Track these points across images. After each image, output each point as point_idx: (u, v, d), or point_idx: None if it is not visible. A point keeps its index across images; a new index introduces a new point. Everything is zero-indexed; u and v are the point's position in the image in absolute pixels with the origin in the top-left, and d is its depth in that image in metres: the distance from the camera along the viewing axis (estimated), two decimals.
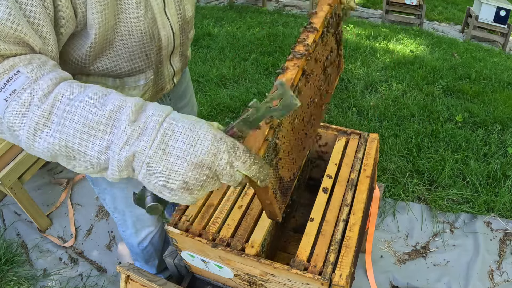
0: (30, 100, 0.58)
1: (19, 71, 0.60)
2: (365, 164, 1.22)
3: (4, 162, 1.86)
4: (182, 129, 0.57)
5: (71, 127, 0.57)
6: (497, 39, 5.35)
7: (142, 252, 1.50)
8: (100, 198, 1.32)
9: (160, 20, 0.92)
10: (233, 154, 0.58)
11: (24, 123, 0.58)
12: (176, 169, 0.56)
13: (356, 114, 3.02)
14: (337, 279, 0.91)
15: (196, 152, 0.56)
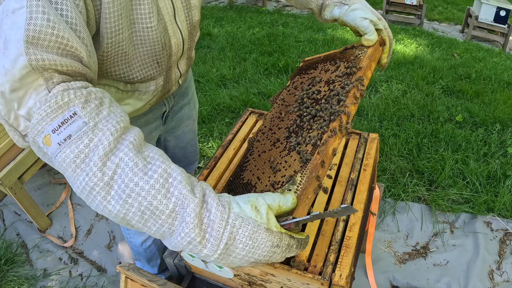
0: (87, 154, 0.57)
1: (75, 113, 0.58)
2: (365, 164, 1.22)
3: (4, 162, 1.86)
4: (243, 237, 0.60)
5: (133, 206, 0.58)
6: (497, 39, 5.35)
7: (145, 252, 1.50)
8: None
9: (171, 29, 0.92)
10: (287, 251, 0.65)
11: (77, 175, 0.57)
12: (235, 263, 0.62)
13: (356, 114, 3.02)
14: (337, 279, 0.91)
15: (254, 255, 0.62)
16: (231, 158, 1.27)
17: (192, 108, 1.42)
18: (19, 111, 0.60)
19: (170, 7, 0.89)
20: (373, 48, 0.97)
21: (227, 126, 2.87)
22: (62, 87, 0.60)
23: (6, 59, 0.57)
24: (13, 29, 0.57)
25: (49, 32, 0.58)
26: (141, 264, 1.62)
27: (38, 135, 0.58)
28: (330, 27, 5.12)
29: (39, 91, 0.59)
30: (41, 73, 0.59)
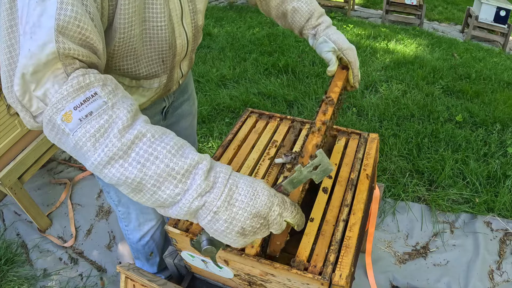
0: (107, 128, 0.63)
1: (96, 93, 0.64)
2: (365, 164, 1.22)
3: (4, 162, 1.86)
4: (244, 185, 0.68)
5: (151, 168, 0.63)
6: (497, 39, 5.35)
7: (143, 248, 1.50)
8: (104, 191, 1.33)
9: (177, 30, 0.97)
10: (283, 207, 0.71)
11: (97, 148, 0.62)
12: (237, 218, 0.67)
13: (356, 114, 3.02)
14: (337, 279, 0.91)
15: (255, 204, 0.68)
16: (231, 158, 1.27)
17: (192, 105, 1.45)
18: (35, 92, 0.64)
19: (178, 9, 0.94)
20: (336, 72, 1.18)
21: (227, 126, 2.87)
22: (81, 71, 0.65)
23: (33, 43, 0.61)
24: (44, 16, 0.61)
25: (75, 24, 0.64)
26: (140, 263, 1.62)
27: (57, 113, 0.63)
28: None
29: (57, 74, 0.64)
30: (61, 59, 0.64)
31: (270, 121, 1.43)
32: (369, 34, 4.76)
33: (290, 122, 1.42)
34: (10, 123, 1.85)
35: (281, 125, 1.40)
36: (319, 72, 3.59)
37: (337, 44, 1.13)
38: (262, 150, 1.29)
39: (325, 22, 1.17)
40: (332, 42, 1.13)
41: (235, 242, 0.70)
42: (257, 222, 0.69)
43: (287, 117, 1.43)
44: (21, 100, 0.64)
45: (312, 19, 1.17)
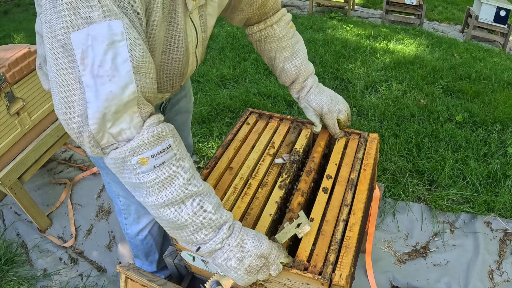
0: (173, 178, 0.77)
1: (170, 146, 0.77)
2: (365, 164, 1.22)
3: (4, 162, 1.86)
4: (252, 234, 0.90)
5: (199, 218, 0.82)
6: (497, 39, 5.35)
7: (142, 244, 1.51)
8: (105, 183, 1.35)
9: (191, 59, 1.03)
10: (279, 251, 0.93)
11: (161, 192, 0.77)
12: (247, 257, 0.87)
13: (356, 114, 3.02)
14: (337, 279, 0.91)
15: (261, 248, 0.89)
16: (231, 158, 1.27)
17: (188, 101, 1.48)
18: (110, 129, 0.72)
19: (195, 41, 0.99)
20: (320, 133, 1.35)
21: (227, 126, 2.87)
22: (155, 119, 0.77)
23: (113, 85, 0.68)
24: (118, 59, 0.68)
25: (144, 61, 0.72)
26: (140, 262, 1.62)
27: (133, 155, 0.74)
28: (330, 27, 5.12)
29: (133, 117, 0.73)
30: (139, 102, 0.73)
31: (270, 121, 1.43)
32: (369, 34, 4.76)
33: (290, 122, 1.42)
34: (10, 123, 1.85)
35: (281, 125, 1.40)
36: (319, 72, 3.59)
37: (317, 111, 1.27)
38: (262, 150, 1.29)
39: (307, 86, 1.26)
40: (313, 108, 1.26)
41: (242, 278, 0.89)
42: (261, 261, 0.88)
43: (287, 117, 1.43)
44: (95, 135, 0.71)
45: (297, 83, 1.26)
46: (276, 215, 1.11)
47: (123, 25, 0.68)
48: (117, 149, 0.74)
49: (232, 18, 1.23)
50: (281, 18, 1.23)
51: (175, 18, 0.86)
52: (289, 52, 1.24)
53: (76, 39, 0.66)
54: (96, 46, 0.66)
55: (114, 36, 0.67)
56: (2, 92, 1.77)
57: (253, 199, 1.13)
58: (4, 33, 5.48)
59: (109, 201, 2.32)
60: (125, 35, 0.68)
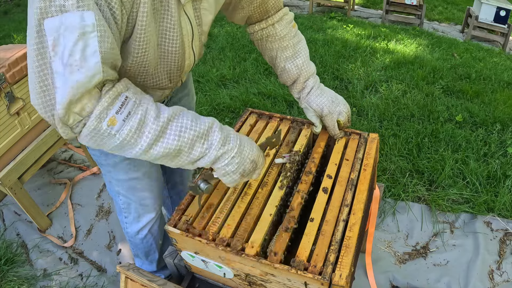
0: (144, 120, 0.80)
1: (127, 97, 0.79)
2: (365, 164, 1.22)
3: (4, 162, 1.86)
4: (246, 140, 0.98)
5: (184, 137, 0.85)
6: (497, 39, 5.35)
7: (142, 243, 1.51)
8: (105, 181, 1.35)
9: (187, 52, 1.03)
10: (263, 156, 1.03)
11: (141, 136, 0.80)
12: (243, 162, 0.95)
13: (356, 114, 3.02)
14: (337, 279, 0.91)
15: (253, 153, 0.98)
16: None
17: (191, 100, 1.49)
18: (74, 109, 0.74)
19: (190, 34, 0.99)
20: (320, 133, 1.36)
21: None
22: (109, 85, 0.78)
23: (81, 75, 0.71)
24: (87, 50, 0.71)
25: (111, 53, 0.75)
26: (140, 261, 1.62)
27: (101, 121, 0.76)
28: (330, 27, 5.12)
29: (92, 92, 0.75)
30: None
31: (270, 121, 1.43)
32: (369, 34, 4.76)
33: (290, 122, 1.42)
34: (10, 123, 1.85)
35: (281, 125, 1.40)
36: (319, 72, 3.59)
37: (317, 112, 1.27)
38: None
39: (308, 86, 1.26)
40: (313, 109, 1.27)
41: (235, 181, 0.97)
42: (252, 166, 0.98)
43: (287, 117, 1.43)
44: (61, 118, 0.74)
45: (298, 83, 1.26)
46: (276, 216, 1.11)
47: (95, 16, 0.69)
48: (86, 124, 0.77)
49: (233, 16, 1.22)
50: (283, 17, 1.23)
51: (168, 11, 0.88)
52: (291, 51, 1.24)
53: (49, 26, 0.68)
54: (67, 36, 0.68)
55: (86, 27, 0.69)
56: (2, 92, 1.77)
57: (253, 199, 1.13)
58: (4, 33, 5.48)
59: (109, 201, 2.32)
60: (96, 27, 0.70)
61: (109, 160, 1.20)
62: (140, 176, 1.27)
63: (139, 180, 1.28)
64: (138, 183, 1.28)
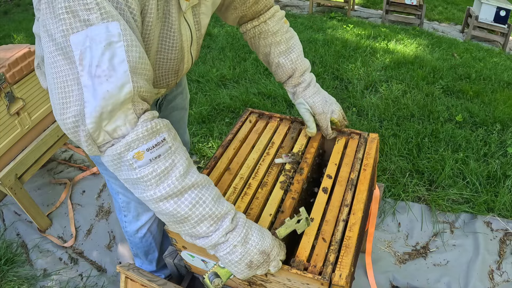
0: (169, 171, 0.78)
1: (164, 139, 0.78)
2: (365, 164, 1.22)
3: (4, 162, 1.86)
4: (255, 229, 0.91)
5: (198, 209, 0.82)
6: (497, 39, 5.35)
7: (141, 242, 1.51)
8: (105, 179, 1.35)
9: (186, 57, 1.04)
10: (280, 248, 0.95)
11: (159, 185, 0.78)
12: (249, 252, 0.88)
13: (356, 114, 3.02)
14: (337, 279, 0.91)
15: (263, 244, 0.90)
16: (231, 158, 1.27)
17: (184, 98, 1.49)
18: (105, 127, 0.74)
19: (189, 39, 0.99)
20: None
21: (227, 126, 2.87)
22: (150, 114, 0.78)
23: (110, 85, 0.70)
24: (115, 59, 0.70)
25: (140, 62, 0.74)
26: (140, 261, 1.63)
27: (129, 150, 0.75)
28: (330, 27, 5.12)
29: (128, 114, 0.75)
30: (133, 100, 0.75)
31: (270, 121, 1.43)
32: (369, 34, 4.76)
33: (290, 122, 1.42)
34: (10, 123, 1.85)
35: (281, 125, 1.40)
36: (319, 72, 3.59)
37: (312, 109, 1.26)
38: (262, 150, 1.29)
39: (305, 82, 1.25)
40: (309, 106, 1.25)
41: (242, 272, 0.90)
42: (262, 257, 0.89)
43: (287, 117, 1.43)
44: (92, 134, 0.73)
45: (293, 78, 1.25)
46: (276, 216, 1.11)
47: (120, 26, 0.70)
48: (113, 146, 0.75)
49: (226, 17, 1.24)
50: (274, 14, 1.24)
51: (169, 19, 0.88)
52: (284, 46, 1.23)
53: (74, 41, 0.68)
54: (94, 47, 0.68)
55: (112, 37, 0.69)
56: (2, 92, 1.77)
57: (253, 199, 1.13)
58: (4, 33, 5.47)
59: (109, 201, 2.32)
60: (122, 36, 0.70)
61: None
62: None
63: None
64: None
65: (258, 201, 1.12)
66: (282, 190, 1.15)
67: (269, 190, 1.16)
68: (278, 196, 1.13)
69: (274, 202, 1.12)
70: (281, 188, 1.16)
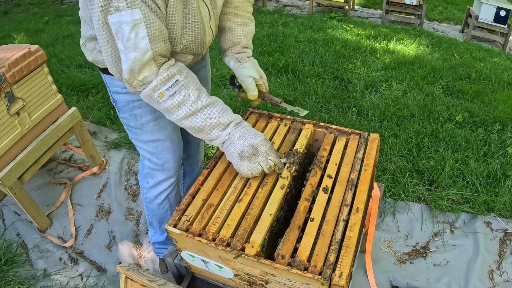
0: (185, 100, 1.11)
1: (177, 80, 1.10)
2: (366, 164, 1.22)
3: (4, 162, 1.86)
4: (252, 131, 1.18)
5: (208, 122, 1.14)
6: (497, 39, 5.35)
7: (158, 208, 1.64)
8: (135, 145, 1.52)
9: (208, 31, 1.25)
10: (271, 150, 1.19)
11: (179, 110, 1.12)
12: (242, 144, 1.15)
13: (356, 114, 3.02)
14: (337, 279, 0.91)
15: (254, 140, 1.16)
16: None
17: (208, 72, 1.66)
18: (138, 77, 1.06)
19: (207, 16, 1.21)
20: None
21: None
22: (167, 65, 1.09)
23: (137, 53, 1.01)
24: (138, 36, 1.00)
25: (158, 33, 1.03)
26: (153, 230, 1.77)
27: (154, 92, 1.09)
28: (330, 27, 5.12)
29: (151, 67, 1.06)
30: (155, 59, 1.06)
31: (270, 121, 1.43)
32: (369, 34, 4.76)
33: (290, 122, 1.42)
34: (10, 123, 1.85)
35: (281, 125, 1.40)
36: (319, 72, 3.59)
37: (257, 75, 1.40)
38: None
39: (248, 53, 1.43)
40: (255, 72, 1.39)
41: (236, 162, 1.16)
42: (251, 150, 1.14)
43: (287, 117, 1.43)
44: (128, 80, 1.06)
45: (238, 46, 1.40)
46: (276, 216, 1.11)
47: (141, 12, 0.97)
48: (145, 89, 1.09)
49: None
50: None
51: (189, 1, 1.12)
52: (241, 20, 1.38)
53: (111, 21, 0.97)
54: (124, 27, 0.97)
55: (136, 21, 0.97)
56: (2, 92, 1.77)
57: (253, 199, 1.13)
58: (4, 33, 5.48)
59: (109, 201, 2.32)
60: (142, 19, 0.98)
61: (137, 122, 1.39)
62: (163, 138, 1.45)
63: (162, 141, 1.45)
64: (161, 144, 1.46)
65: (258, 201, 1.12)
66: (282, 190, 1.15)
67: (269, 190, 1.16)
68: (278, 196, 1.13)
69: (274, 202, 1.12)
70: (281, 188, 1.16)
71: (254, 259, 0.96)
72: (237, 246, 0.99)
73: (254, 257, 0.96)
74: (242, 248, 0.99)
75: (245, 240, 1.02)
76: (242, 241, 1.01)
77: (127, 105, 1.37)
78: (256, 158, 1.14)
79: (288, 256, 0.98)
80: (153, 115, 1.38)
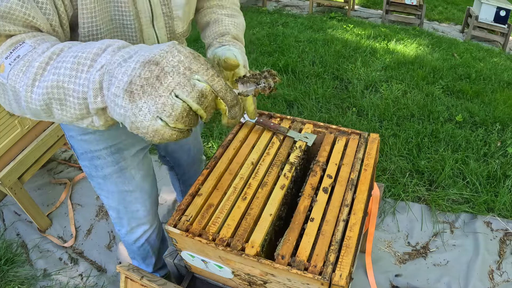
0: (30, 60, 0.65)
1: (24, 42, 0.68)
2: (366, 164, 1.22)
3: (4, 162, 1.86)
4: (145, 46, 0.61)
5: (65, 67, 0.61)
6: (497, 39, 5.35)
7: (139, 250, 1.51)
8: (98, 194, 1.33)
9: (145, 33, 0.95)
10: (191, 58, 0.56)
11: (23, 78, 0.65)
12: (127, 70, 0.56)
13: (356, 114, 3.02)
14: (337, 279, 0.91)
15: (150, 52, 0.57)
16: (231, 158, 1.27)
17: None
18: None
19: (148, 12, 0.92)
20: None
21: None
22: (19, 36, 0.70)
23: None
24: None
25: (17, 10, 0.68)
26: (137, 263, 1.63)
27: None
28: (330, 27, 5.12)
29: None
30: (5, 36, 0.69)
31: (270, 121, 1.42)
32: (369, 34, 4.76)
33: (290, 122, 1.42)
34: (10, 123, 1.85)
35: (281, 125, 1.40)
36: (319, 72, 3.59)
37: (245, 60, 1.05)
38: (262, 150, 1.29)
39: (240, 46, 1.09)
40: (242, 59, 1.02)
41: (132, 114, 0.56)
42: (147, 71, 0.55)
43: (287, 117, 1.43)
44: None
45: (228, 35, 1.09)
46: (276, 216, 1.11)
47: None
48: None
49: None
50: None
51: None
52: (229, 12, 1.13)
53: None
54: None
55: None
56: None
57: (253, 199, 1.13)
58: None
59: None
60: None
61: (99, 172, 1.18)
62: (131, 188, 1.25)
63: (130, 192, 1.26)
64: (129, 195, 1.26)
65: (258, 201, 1.12)
66: (282, 190, 1.15)
67: (269, 190, 1.16)
68: (278, 196, 1.13)
69: (274, 202, 1.12)
70: (281, 188, 1.16)
71: (254, 259, 0.96)
72: (237, 246, 0.99)
73: (254, 257, 0.96)
74: (242, 248, 0.99)
75: (245, 240, 1.02)
76: (242, 241, 1.01)
77: (85, 154, 1.14)
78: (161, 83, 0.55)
79: (288, 256, 0.98)
80: (116, 166, 1.16)
